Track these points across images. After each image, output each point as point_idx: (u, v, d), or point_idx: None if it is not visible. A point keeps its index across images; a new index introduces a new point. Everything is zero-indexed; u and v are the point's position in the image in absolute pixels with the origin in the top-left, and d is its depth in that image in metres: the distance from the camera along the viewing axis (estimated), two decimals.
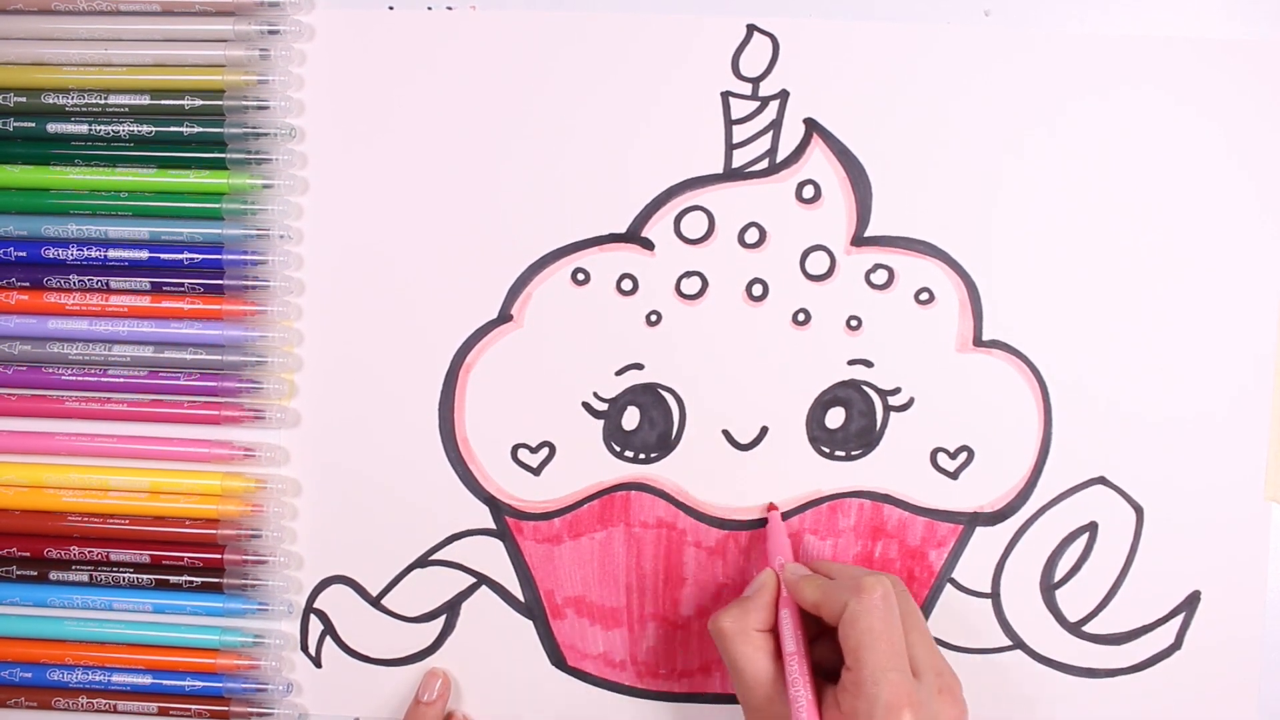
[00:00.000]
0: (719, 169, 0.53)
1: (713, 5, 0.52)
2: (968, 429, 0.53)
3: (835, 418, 0.53)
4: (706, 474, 0.54)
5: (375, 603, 0.55)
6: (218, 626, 0.55)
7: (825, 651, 0.48)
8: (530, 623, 0.55)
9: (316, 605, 0.55)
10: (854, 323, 0.53)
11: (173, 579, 0.54)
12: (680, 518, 0.54)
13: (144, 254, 0.53)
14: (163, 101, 0.52)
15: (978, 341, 0.53)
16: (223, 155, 0.53)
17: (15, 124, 0.53)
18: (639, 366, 0.54)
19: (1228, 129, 0.52)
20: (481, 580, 0.55)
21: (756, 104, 0.52)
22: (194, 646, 0.54)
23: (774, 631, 0.48)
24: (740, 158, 0.53)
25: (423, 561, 0.55)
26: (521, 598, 0.55)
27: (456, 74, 0.53)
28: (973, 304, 0.53)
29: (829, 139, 0.52)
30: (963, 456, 0.53)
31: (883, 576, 0.46)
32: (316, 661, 0.55)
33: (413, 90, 0.53)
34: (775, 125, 0.52)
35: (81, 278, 0.53)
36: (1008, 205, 0.52)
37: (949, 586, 0.53)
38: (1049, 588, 0.53)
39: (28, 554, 0.54)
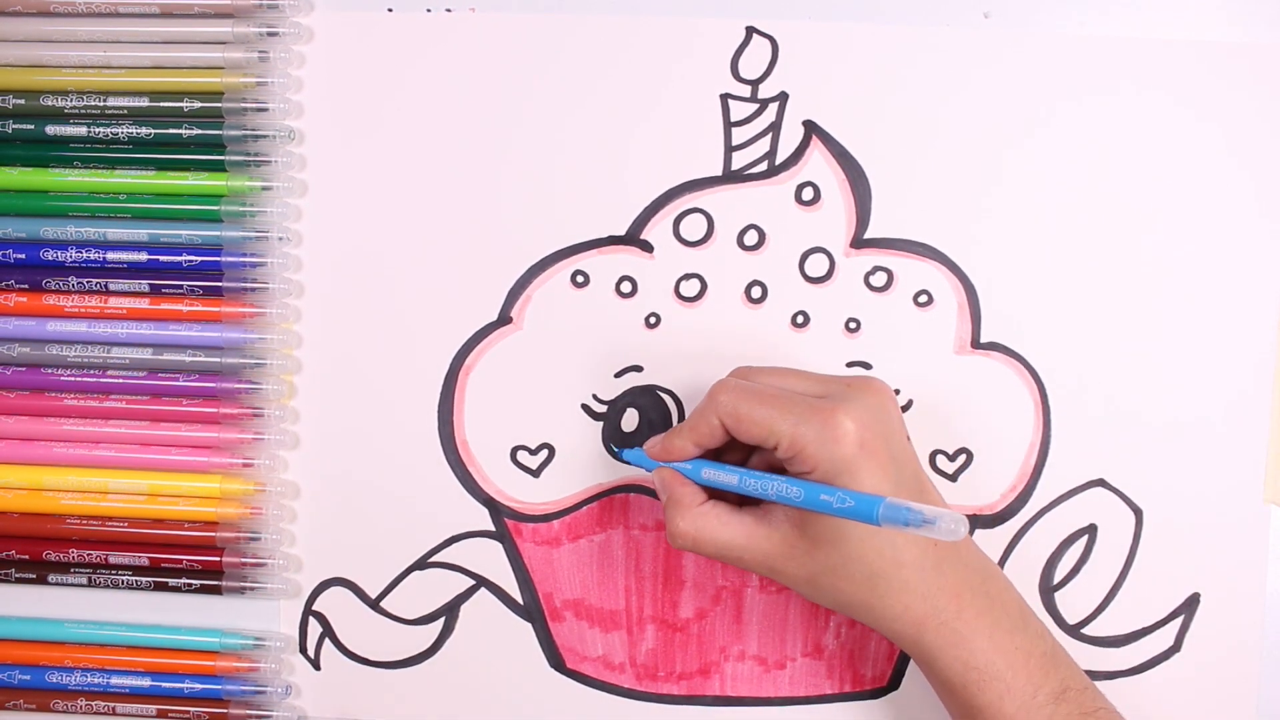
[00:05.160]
0: (718, 171, 0.53)
1: (712, 7, 0.52)
2: (966, 431, 0.53)
3: None
4: None
5: (374, 605, 0.55)
6: (217, 629, 0.55)
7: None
8: (529, 625, 0.55)
9: (315, 607, 0.55)
10: (853, 325, 0.53)
11: (172, 581, 0.54)
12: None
13: (143, 256, 0.53)
14: (162, 104, 0.52)
15: (976, 344, 0.53)
16: (222, 157, 0.53)
17: (14, 126, 0.53)
18: (638, 368, 0.54)
19: (1227, 132, 0.52)
20: (480, 582, 0.55)
21: (756, 106, 0.52)
22: (193, 649, 0.54)
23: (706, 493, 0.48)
24: (739, 160, 0.53)
25: (422, 563, 0.55)
26: (520, 600, 0.55)
27: (455, 76, 0.53)
28: (971, 306, 0.53)
29: (828, 141, 0.52)
30: (962, 459, 0.53)
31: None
32: (315, 664, 0.55)
33: (412, 93, 0.53)
34: (774, 127, 0.52)
35: (80, 280, 0.53)
36: (1007, 208, 0.52)
37: None
38: (1048, 590, 0.53)
39: (26, 556, 0.54)
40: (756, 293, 0.53)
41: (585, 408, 0.54)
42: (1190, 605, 0.53)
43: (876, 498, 0.41)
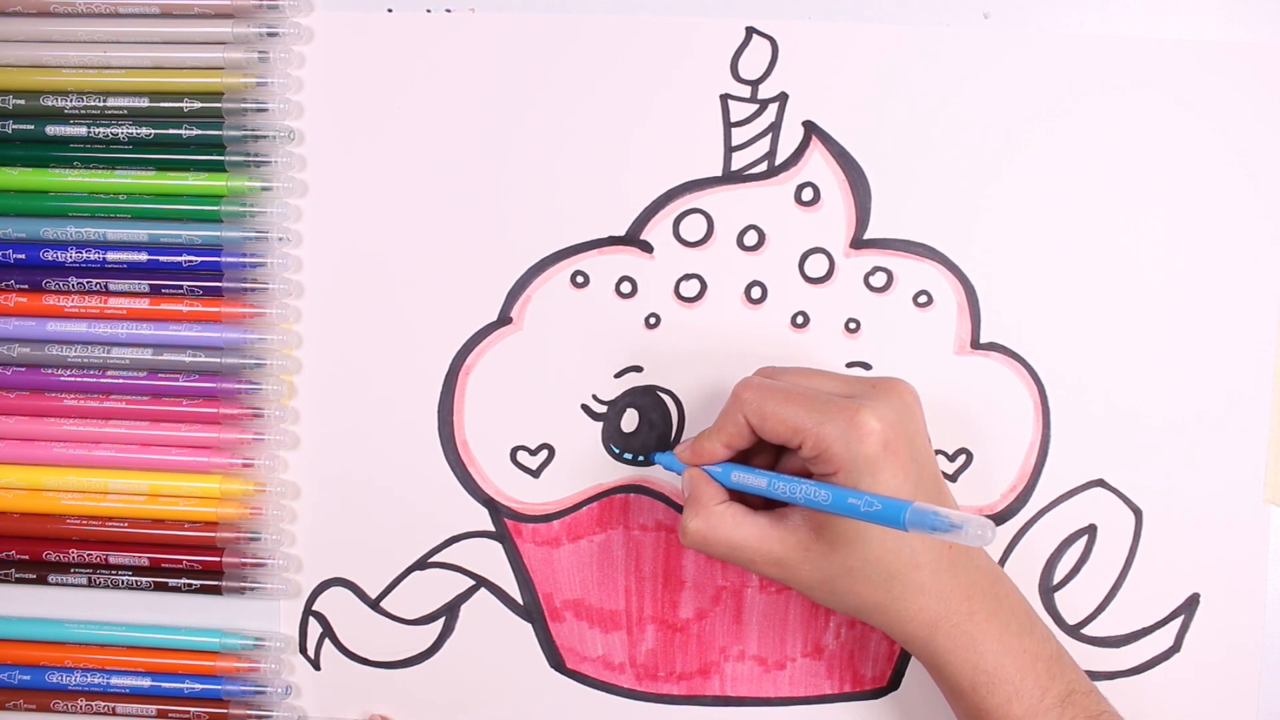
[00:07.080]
0: (718, 171, 0.53)
1: (711, 7, 0.52)
2: (966, 431, 0.53)
3: None
4: None
5: (374, 605, 0.55)
6: (217, 629, 0.55)
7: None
8: (529, 625, 0.55)
9: (315, 608, 0.55)
10: (852, 325, 0.53)
11: (171, 581, 0.54)
12: (679, 520, 0.53)
13: (143, 256, 0.53)
14: (161, 104, 0.52)
15: (976, 344, 0.53)
16: (222, 158, 0.53)
17: (14, 126, 0.53)
18: (638, 369, 0.54)
19: (1226, 131, 0.52)
20: (480, 583, 0.55)
21: (755, 106, 0.52)
22: (193, 649, 0.54)
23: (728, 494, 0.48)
24: (739, 160, 0.53)
25: (422, 564, 0.55)
26: (520, 600, 0.55)
27: (455, 77, 0.53)
28: (971, 306, 0.53)
29: (828, 141, 0.52)
30: (961, 459, 0.53)
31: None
32: (315, 664, 0.55)
33: (412, 93, 0.53)
34: (774, 128, 0.52)
35: (80, 280, 0.53)
36: (1006, 208, 0.52)
37: None
38: (1048, 590, 0.53)
39: (26, 556, 0.54)
40: (756, 293, 0.53)
41: (585, 408, 0.54)
42: (1190, 605, 0.53)
43: (904, 502, 0.41)
